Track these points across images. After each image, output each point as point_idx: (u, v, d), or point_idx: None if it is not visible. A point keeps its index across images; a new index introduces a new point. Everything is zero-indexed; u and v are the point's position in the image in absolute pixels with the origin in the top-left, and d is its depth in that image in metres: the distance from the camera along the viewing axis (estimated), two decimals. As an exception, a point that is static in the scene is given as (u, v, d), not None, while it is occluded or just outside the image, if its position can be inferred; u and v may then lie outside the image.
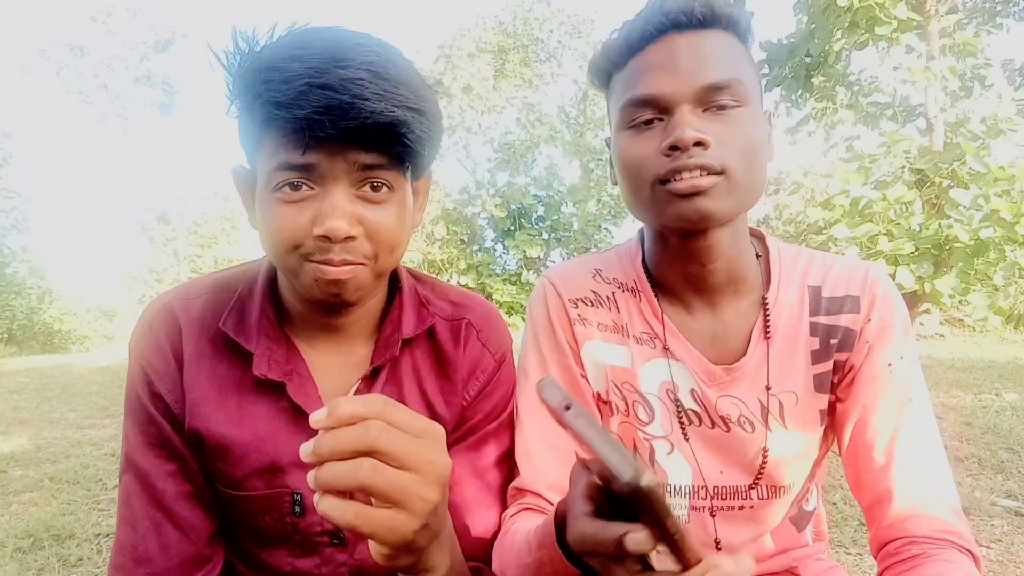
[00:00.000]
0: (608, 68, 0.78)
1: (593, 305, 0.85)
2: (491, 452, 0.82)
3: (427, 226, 11.44)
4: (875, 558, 0.76)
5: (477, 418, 0.82)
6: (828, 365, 0.78)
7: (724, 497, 0.80)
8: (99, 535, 2.19)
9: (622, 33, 0.74)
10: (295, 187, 0.65)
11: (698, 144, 0.67)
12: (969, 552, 0.69)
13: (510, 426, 0.85)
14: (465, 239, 12.68)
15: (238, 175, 0.74)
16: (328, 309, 0.74)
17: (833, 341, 0.77)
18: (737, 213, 0.72)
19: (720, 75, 0.69)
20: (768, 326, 0.78)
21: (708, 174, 0.68)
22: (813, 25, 7.29)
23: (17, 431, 3.74)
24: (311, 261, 0.66)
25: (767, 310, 0.79)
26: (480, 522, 0.79)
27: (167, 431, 0.74)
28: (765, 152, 0.73)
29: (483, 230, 13.10)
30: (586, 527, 0.47)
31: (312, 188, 0.65)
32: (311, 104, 0.60)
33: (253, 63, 0.64)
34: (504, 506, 0.83)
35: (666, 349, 0.80)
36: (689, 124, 0.68)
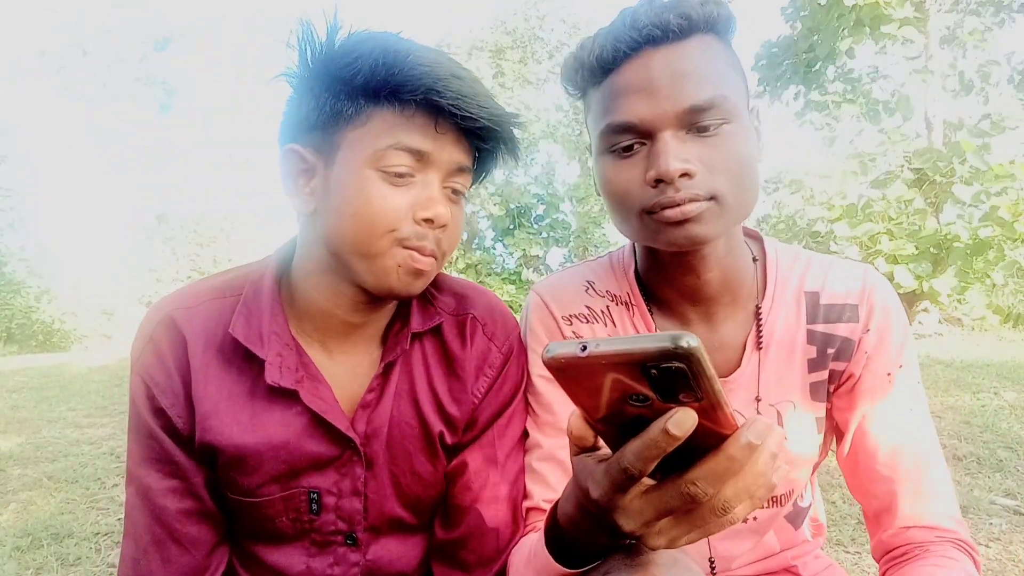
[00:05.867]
0: (582, 84, 0.73)
1: (588, 321, 0.83)
2: (507, 442, 0.82)
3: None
4: (876, 560, 0.76)
5: (490, 413, 0.81)
6: (824, 374, 0.77)
7: None
8: (97, 534, 2.19)
9: (594, 48, 0.69)
10: (401, 175, 0.67)
11: (684, 175, 0.63)
12: (968, 550, 0.70)
13: (523, 411, 0.84)
14: (464, 238, 12.68)
15: (291, 157, 0.71)
16: (372, 302, 0.74)
17: (830, 351, 0.76)
18: (729, 230, 0.70)
19: (703, 95, 0.64)
20: (761, 337, 0.76)
21: (697, 201, 0.65)
22: (815, 23, 7.30)
23: (16, 430, 3.73)
24: (405, 247, 0.68)
25: (760, 320, 0.77)
26: (498, 515, 0.79)
27: (169, 447, 0.73)
28: (756, 162, 0.69)
29: (482, 230, 13.09)
30: (619, 458, 0.43)
31: (414, 176, 0.68)
32: (452, 88, 0.65)
33: (376, 45, 0.66)
34: (521, 494, 0.81)
35: None
36: (673, 154, 0.63)
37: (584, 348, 0.37)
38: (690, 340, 0.35)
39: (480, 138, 0.70)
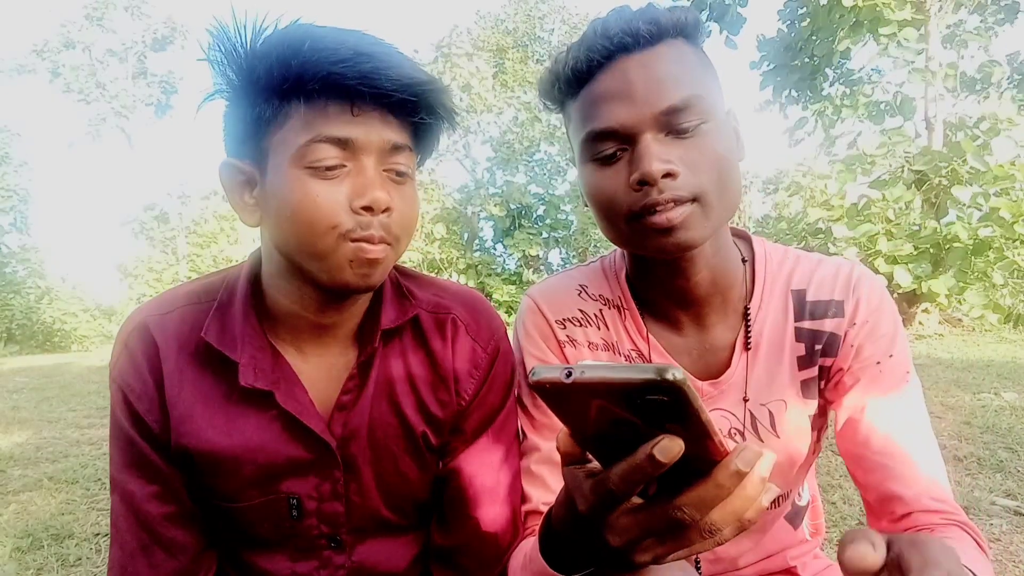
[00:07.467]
0: (560, 97, 0.75)
1: (581, 325, 0.83)
2: (503, 445, 0.81)
3: (427, 225, 11.43)
4: None
5: (481, 416, 0.80)
6: (814, 371, 0.77)
7: None
8: (98, 535, 2.19)
9: (568, 60, 0.71)
10: (330, 168, 0.64)
11: (667, 175, 0.65)
12: (972, 533, 0.69)
13: (515, 413, 0.83)
14: (465, 238, 12.68)
15: (230, 171, 0.70)
16: (336, 300, 0.72)
17: (817, 347, 0.76)
18: (715, 231, 0.71)
19: (679, 95, 0.65)
20: (749, 338, 0.77)
21: (681, 204, 0.66)
22: (815, 24, 7.31)
23: (16, 431, 3.73)
24: (352, 240, 0.65)
25: (748, 321, 0.77)
26: (498, 519, 0.78)
27: (148, 452, 0.73)
28: (736, 160, 0.70)
29: (483, 230, 13.10)
30: (605, 479, 0.44)
31: (345, 166, 0.65)
32: (356, 67, 0.62)
33: (277, 40, 0.64)
34: (519, 498, 0.81)
35: None
36: (655, 155, 0.65)
37: (569, 374, 0.37)
38: (675, 373, 0.35)
39: (407, 112, 0.67)
